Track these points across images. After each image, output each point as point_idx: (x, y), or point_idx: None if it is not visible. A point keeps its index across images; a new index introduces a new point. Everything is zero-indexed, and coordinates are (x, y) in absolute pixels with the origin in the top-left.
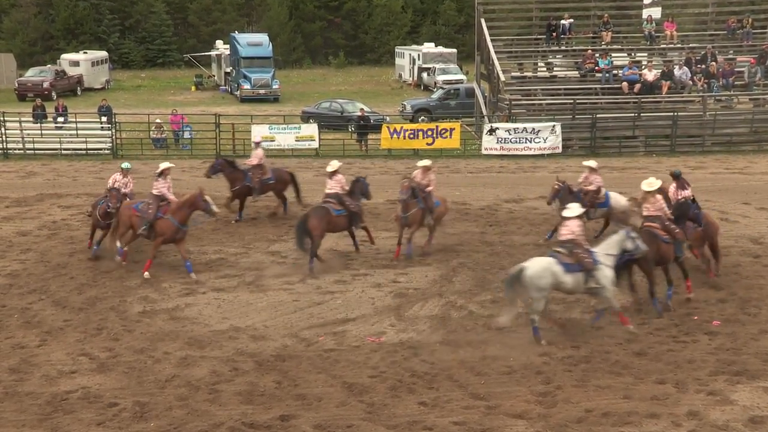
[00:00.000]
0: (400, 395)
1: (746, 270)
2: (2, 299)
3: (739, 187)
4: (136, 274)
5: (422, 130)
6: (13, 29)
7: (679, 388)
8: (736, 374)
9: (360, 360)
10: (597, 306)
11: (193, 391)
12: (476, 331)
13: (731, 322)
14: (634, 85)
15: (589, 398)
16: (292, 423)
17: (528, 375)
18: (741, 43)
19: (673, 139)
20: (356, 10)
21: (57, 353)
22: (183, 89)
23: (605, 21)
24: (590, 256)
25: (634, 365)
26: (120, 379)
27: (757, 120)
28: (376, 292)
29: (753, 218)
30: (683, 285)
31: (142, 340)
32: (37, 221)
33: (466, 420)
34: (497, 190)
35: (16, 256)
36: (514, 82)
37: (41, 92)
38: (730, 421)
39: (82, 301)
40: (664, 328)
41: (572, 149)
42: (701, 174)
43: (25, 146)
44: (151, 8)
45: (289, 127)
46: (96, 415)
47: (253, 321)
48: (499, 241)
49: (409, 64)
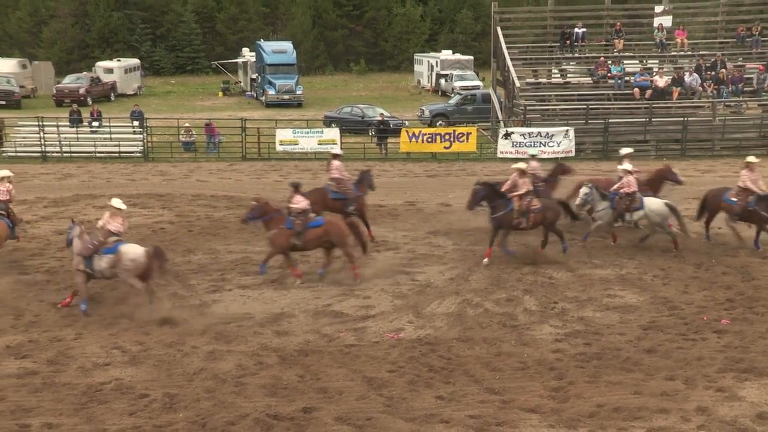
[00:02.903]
0: (418, 389)
1: (754, 270)
2: (40, 295)
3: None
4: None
5: (440, 134)
6: (51, 39)
7: (688, 384)
8: (744, 371)
9: (379, 355)
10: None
11: (219, 384)
12: (491, 328)
13: (739, 321)
14: (645, 91)
15: (601, 394)
16: (314, 415)
17: (541, 371)
18: (750, 51)
19: (683, 144)
20: (377, 18)
21: (91, 346)
22: (211, 95)
23: (617, 29)
24: None
25: (644, 362)
26: (150, 372)
27: (765, 125)
28: (394, 289)
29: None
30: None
31: (171, 335)
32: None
33: (481, 414)
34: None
35: (53, 254)
36: (528, 88)
37: (77, 98)
38: (738, 417)
39: (115, 298)
40: (674, 326)
41: (585, 153)
42: (710, 177)
43: (62, 149)
44: (180, 18)
45: (312, 131)
46: (128, 405)
47: (277, 317)
48: (513, 240)
49: (427, 71)
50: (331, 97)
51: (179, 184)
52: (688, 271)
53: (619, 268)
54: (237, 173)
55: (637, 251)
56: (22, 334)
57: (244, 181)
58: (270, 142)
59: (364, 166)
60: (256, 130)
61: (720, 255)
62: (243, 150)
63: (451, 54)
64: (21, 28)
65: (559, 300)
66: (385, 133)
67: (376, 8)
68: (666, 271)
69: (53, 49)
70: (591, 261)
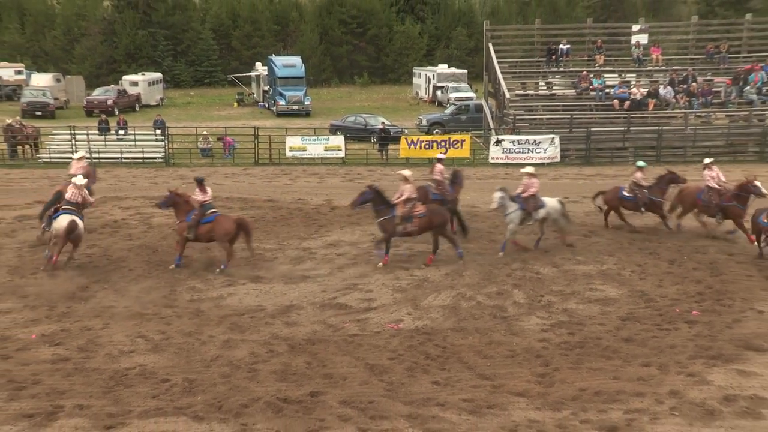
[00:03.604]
0: (416, 375)
1: (722, 266)
2: (71, 288)
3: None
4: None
5: (436, 141)
6: (82, 55)
7: (662, 370)
8: (712, 358)
9: (380, 344)
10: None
11: (234, 370)
12: (483, 319)
13: (708, 312)
14: (624, 102)
15: (583, 379)
16: (320, 399)
17: (529, 358)
18: (718, 66)
19: (658, 150)
20: (378, 35)
21: (118, 335)
22: (226, 105)
23: (598, 46)
24: None
25: (622, 350)
26: (171, 359)
27: (732, 134)
28: (394, 284)
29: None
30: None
31: (190, 325)
32: (101, 220)
33: (473, 397)
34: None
35: (83, 251)
36: (517, 99)
37: (105, 109)
38: (707, 399)
39: (138, 291)
40: (649, 317)
41: (569, 159)
42: None
43: (91, 155)
44: (199, 35)
45: (318, 138)
46: (151, 389)
47: (287, 309)
48: (503, 238)
49: (425, 83)
50: (337, 107)
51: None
52: (663, 267)
53: (600, 264)
54: (250, 177)
55: (617, 249)
56: (56, 323)
57: (257, 184)
58: (280, 148)
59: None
60: (268, 137)
61: (691, 252)
62: (256, 155)
63: (447, 68)
64: (56, 45)
65: (545, 293)
66: (386, 140)
67: (378, 26)
68: (642, 267)
69: (84, 64)
70: (575, 258)
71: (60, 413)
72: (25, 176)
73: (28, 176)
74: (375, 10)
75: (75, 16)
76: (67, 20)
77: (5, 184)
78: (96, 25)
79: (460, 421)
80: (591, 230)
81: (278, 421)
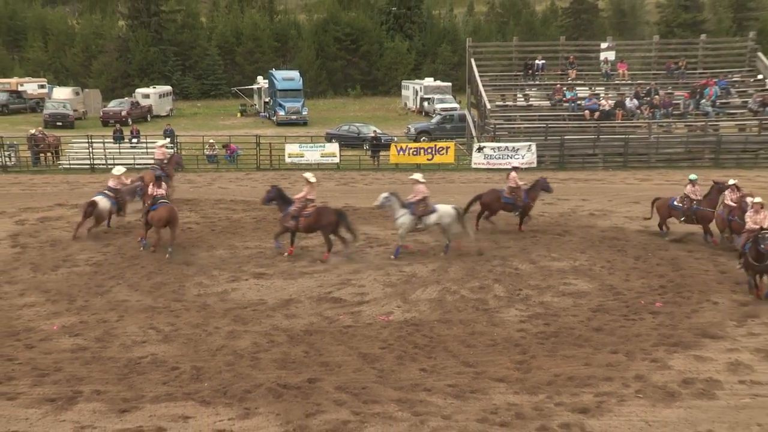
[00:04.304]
0: (405, 363)
1: (682, 262)
2: (88, 284)
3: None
4: (194, 266)
5: (423, 148)
6: (99, 70)
7: (628, 356)
8: (673, 345)
9: (372, 334)
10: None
11: (238, 359)
12: (467, 311)
13: (670, 304)
14: (594, 112)
15: (557, 365)
16: (317, 385)
17: (508, 347)
18: (677, 81)
19: (625, 157)
20: (370, 51)
21: (131, 327)
22: (230, 115)
23: (571, 61)
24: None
25: (593, 339)
26: (180, 348)
27: (690, 142)
28: (385, 279)
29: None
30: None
31: (197, 317)
32: (116, 221)
33: (458, 383)
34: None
35: (99, 249)
36: (497, 109)
37: (120, 119)
38: (668, 383)
39: (150, 286)
40: (617, 308)
41: (545, 164)
42: (648, 185)
43: (107, 161)
44: (206, 51)
45: (315, 145)
46: (162, 376)
47: (286, 302)
48: (485, 237)
49: (413, 95)
50: (332, 117)
51: (204, 190)
52: (629, 263)
53: (573, 260)
54: (252, 181)
55: (588, 247)
56: (75, 316)
57: (258, 188)
58: (280, 155)
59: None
60: (269, 145)
61: (655, 249)
62: (257, 161)
63: (433, 81)
64: (75, 62)
65: (523, 287)
66: (378, 147)
67: (370, 43)
68: (611, 263)
69: (101, 78)
70: (550, 255)
71: (79, 398)
72: (47, 181)
73: (49, 181)
74: (367, 28)
75: (93, 35)
76: (85, 39)
77: (29, 188)
78: (112, 43)
79: (445, 404)
80: (565, 230)
81: (278, 405)
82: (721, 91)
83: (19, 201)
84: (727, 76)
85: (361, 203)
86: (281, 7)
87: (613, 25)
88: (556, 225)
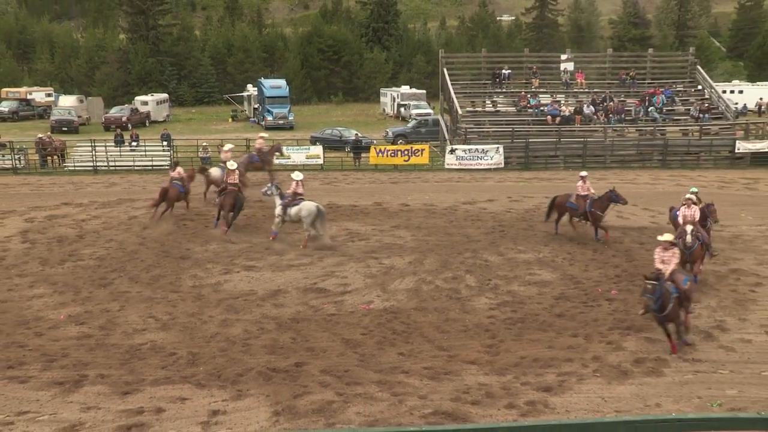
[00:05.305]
0: (384, 348)
1: (635, 254)
2: (93, 276)
3: (630, 194)
4: (189, 260)
5: (401, 150)
6: (101, 79)
7: (587, 339)
8: (626, 329)
9: (354, 322)
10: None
11: (230, 345)
12: (441, 300)
13: (624, 292)
14: (555, 118)
15: (524, 348)
16: (304, 368)
17: (479, 332)
18: (629, 90)
19: (584, 158)
20: (351, 61)
21: (132, 316)
22: (222, 120)
23: (534, 71)
24: None
25: (555, 324)
26: (177, 335)
27: (641, 145)
28: (366, 271)
29: (639, 216)
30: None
31: (192, 307)
32: (117, 219)
33: (433, 366)
34: (456, 195)
35: (102, 244)
36: (468, 114)
37: (121, 124)
38: (622, 362)
39: (149, 278)
40: (577, 296)
41: (511, 165)
42: (604, 184)
43: (108, 164)
44: (200, 62)
45: (300, 148)
46: (160, 361)
47: (275, 293)
48: (457, 232)
49: (390, 101)
50: (316, 121)
51: (198, 190)
52: (588, 254)
53: (538, 252)
54: None
55: (551, 240)
56: (80, 306)
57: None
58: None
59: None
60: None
61: (611, 242)
62: None
63: (409, 89)
64: (79, 72)
65: (493, 278)
66: (359, 149)
67: (351, 54)
68: (572, 255)
69: (103, 87)
70: (517, 248)
71: (85, 381)
72: (53, 182)
73: (56, 182)
74: (348, 40)
75: (96, 48)
76: (89, 51)
77: (37, 189)
78: (113, 54)
79: (421, 385)
80: (530, 225)
81: (268, 387)
82: (667, 99)
83: (28, 200)
84: (672, 86)
85: (343, 201)
86: (269, 21)
87: (571, 38)
88: (522, 220)
